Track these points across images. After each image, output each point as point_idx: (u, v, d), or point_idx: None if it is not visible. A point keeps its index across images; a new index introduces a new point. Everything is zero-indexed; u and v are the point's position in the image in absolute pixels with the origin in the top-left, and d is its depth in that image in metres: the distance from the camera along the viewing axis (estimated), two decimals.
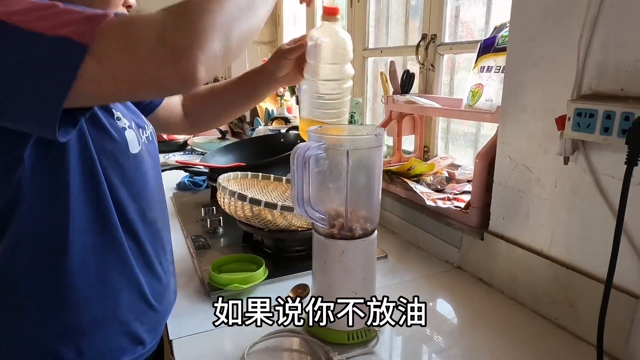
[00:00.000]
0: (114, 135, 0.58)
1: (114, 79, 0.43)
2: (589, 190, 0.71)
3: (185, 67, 0.42)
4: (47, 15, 0.42)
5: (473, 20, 1.29)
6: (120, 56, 0.42)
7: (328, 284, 0.71)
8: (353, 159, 0.65)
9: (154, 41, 0.42)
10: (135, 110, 0.72)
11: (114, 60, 0.42)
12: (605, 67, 0.67)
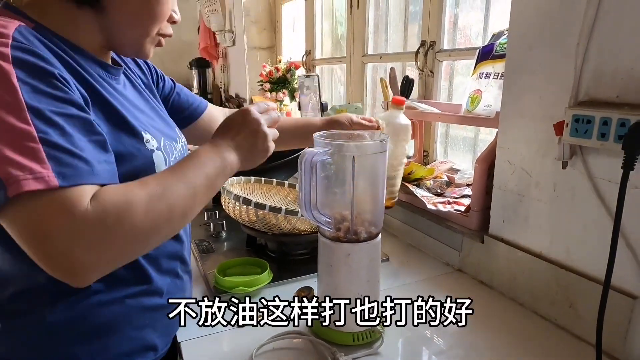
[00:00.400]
0: (140, 160, 0.60)
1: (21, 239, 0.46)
2: (587, 193, 0.74)
3: (69, 281, 0.46)
4: (13, 141, 0.44)
5: (469, 25, 1.31)
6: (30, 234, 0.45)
7: (334, 286, 0.73)
8: (358, 164, 0.66)
9: (58, 255, 0.44)
10: (169, 123, 0.74)
11: (24, 230, 0.45)
12: (601, 74, 0.69)
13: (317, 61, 2.21)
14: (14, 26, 0.50)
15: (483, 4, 1.23)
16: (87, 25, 0.59)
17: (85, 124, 0.50)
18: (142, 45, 0.63)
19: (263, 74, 2.23)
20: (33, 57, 0.48)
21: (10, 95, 0.44)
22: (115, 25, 0.60)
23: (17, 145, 0.44)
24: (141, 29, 0.61)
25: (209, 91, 3.06)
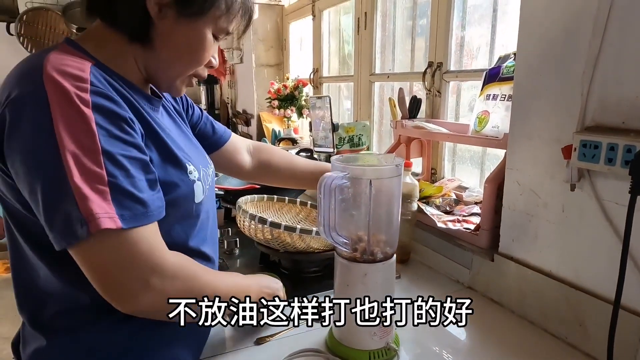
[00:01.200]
0: (183, 190, 0.64)
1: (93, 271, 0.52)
2: (595, 215, 0.76)
3: (121, 309, 0.54)
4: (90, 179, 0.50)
5: (476, 46, 1.35)
6: (107, 265, 0.52)
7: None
8: (375, 188, 0.69)
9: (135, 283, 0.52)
10: (201, 150, 0.79)
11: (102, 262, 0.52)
12: (606, 101, 0.72)
13: (324, 79, 2.25)
14: (88, 68, 0.54)
15: (489, 26, 1.27)
16: (134, 59, 0.64)
17: (144, 165, 0.56)
18: (175, 83, 0.68)
19: (271, 91, 2.27)
20: (108, 102, 0.53)
21: (90, 139, 0.50)
22: (158, 62, 0.64)
23: (91, 186, 0.49)
24: (180, 68, 0.66)
25: (216, 107, 3.11)
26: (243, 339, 0.83)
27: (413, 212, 1.14)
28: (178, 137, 0.71)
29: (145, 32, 0.61)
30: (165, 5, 0.60)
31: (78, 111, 0.50)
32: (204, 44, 0.64)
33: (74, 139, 0.49)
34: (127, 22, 0.60)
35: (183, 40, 0.63)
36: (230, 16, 0.65)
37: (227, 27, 0.66)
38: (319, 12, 2.19)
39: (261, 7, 2.54)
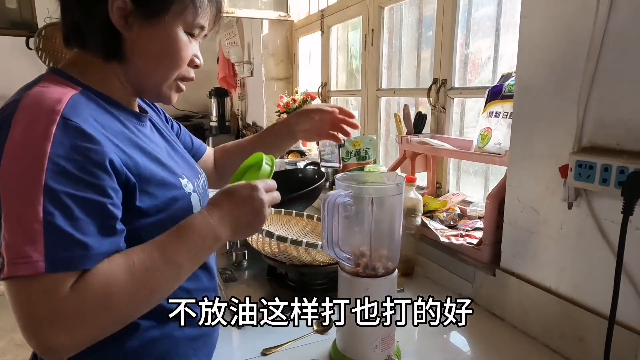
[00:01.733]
0: (180, 204, 0.65)
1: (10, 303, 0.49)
2: (592, 232, 0.78)
3: (44, 356, 0.50)
4: (18, 221, 0.48)
5: (476, 56, 1.38)
6: (15, 310, 0.48)
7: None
8: (377, 205, 0.72)
9: (36, 334, 0.48)
10: (191, 161, 0.80)
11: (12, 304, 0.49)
12: (602, 123, 0.75)
13: (332, 93, 2.30)
14: (67, 98, 0.54)
15: (492, 45, 1.30)
16: (116, 77, 0.64)
17: (99, 208, 0.52)
18: (162, 90, 0.67)
19: (281, 104, 2.32)
20: (77, 139, 0.51)
21: (33, 173, 0.48)
22: (138, 73, 0.64)
23: (21, 223, 0.48)
24: (162, 74, 0.65)
25: (226, 119, 3.17)
26: (250, 349, 0.86)
27: (417, 226, 1.17)
28: (168, 151, 0.72)
29: (117, 48, 0.61)
30: (128, 14, 0.59)
31: (33, 145, 0.49)
32: (178, 44, 0.63)
33: (16, 175, 0.49)
34: (96, 43, 0.61)
35: (155, 45, 0.62)
36: (197, 9, 0.63)
37: (198, 21, 0.64)
38: (327, 27, 2.24)
39: (271, 22, 2.61)
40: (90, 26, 0.60)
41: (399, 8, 1.73)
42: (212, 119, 3.17)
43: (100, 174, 0.53)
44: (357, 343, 0.78)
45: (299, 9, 2.56)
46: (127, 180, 0.57)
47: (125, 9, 0.59)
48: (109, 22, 0.59)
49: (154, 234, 0.59)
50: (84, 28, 0.61)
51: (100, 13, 0.58)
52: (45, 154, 0.49)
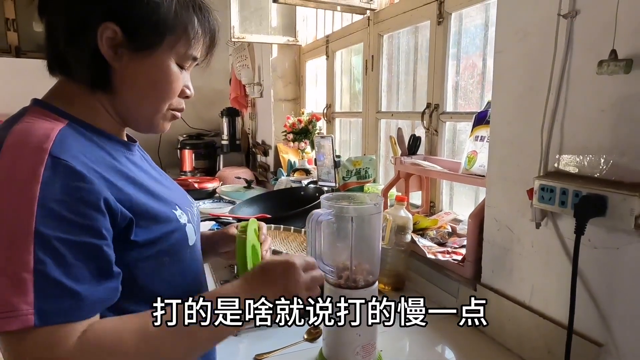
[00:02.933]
0: (176, 236, 0.63)
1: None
2: (558, 251, 0.85)
3: None
4: (4, 268, 0.45)
5: (470, 90, 1.46)
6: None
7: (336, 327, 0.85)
8: (357, 223, 0.80)
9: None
10: (181, 191, 0.77)
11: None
12: (563, 150, 0.82)
13: (336, 114, 2.40)
14: (55, 134, 0.51)
15: (480, 73, 1.39)
16: (103, 107, 0.62)
17: (93, 251, 0.49)
18: (155, 121, 0.65)
19: (287, 124, 2.43)
20: (68, 178, 0.49)
21: (22, 219, 0.45)
22: (127, 104, 0.62)
23: (9, 273, 0.44)
24: (152, 106, 0.62)
25: (237, 137, 3.29)
26: (243, 355, 0.94)
27: (407, 243, 1.24)
28: (159, 180, 0.70)
29: (105, 78, 0.59)
30: (118, 45, 0.57)
31: (20, 189, 0.47)
32: (169, 76, 0.61)
33: (3, 221, 0.46)
34: (83, 73, 0.58)
35: (145, 77, 0.60)
36: (189, 41, 0.61)
37: (191, 53, 0.63)
38: (332, 52, 2.35)
39: (280, 46, 2.73)
40: (76, 55, 0.57)
41: (397, 36, 1.83)
42: (223, 138, 3.29)
43: (94, 215, 0.50)
44: (340, 350, 0.85)
45: (306, 34, 2.69)
46: (123, 216, 0.55)
47: (115, 39, 0.57)
48: (97, 52, 0.56)
49: (149, 268, 0.59)
50: (70, 57, 0.58)
51: (88, 42, 0.56)
52: (34, 198, 0.46)
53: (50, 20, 0.59)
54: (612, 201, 0.69)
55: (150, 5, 0.57)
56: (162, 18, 0.58)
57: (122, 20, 0.56)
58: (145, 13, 0.57)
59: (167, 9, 0.58)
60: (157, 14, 0.58)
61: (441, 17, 1.44)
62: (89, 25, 0.56)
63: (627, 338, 0.74)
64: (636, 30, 0.68)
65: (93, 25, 0.56)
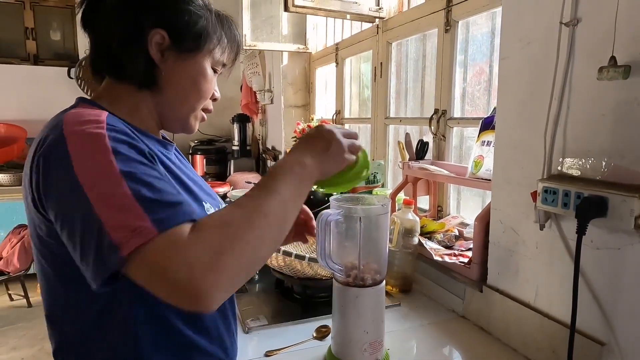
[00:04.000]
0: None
1: (147, 287, 0.51)
2: (562, 252, 0.87)
3: (203, 306, 0.50)
4: (114, 206, 0.51)
5: (477, 96, 1.49)
6: (152, 280, 0.50)
7: (345, 324, 0.88)
8: (364, 224, 0.83)
9: (182, 284, 0.48)
10: (209, 189, 0.82)
11: (147, 279, 0.51)
12: (567, 153, 0.85)
13: (345, 120, 2.43)
14: (104, 115, 0.59)
15: (487, 79, 1.42)
16: (146, 106, 0.70)
17: (170, 182, 0.57)
18: (189, 120, 0.73)
19: (297, 130, 2.47)
20: (124, 135, 0.57)
21: (108, 169, 0.53)
22: (169, 102, 0.70)
23: (118, 207, 0.51)
24: (190, 103, 0.71)
25: (248, 143, 3.34)
26: (255, 351, 0.97)
27: (414, 245, 1.26)
28: (192, 178, 0.75)
29: (153, 78, 0.67)
30: (165, 49, 0.66)
31: (94, 147, 0.54)
32: (206, 77, 0.71)
33: (92, 175, 0.53)
34: (134, 73, 0.66)
35: (187, 76, 0.69)
36: (222, 48, 0.72)
37: (222, 59, 0.73)
38: (341, 59, 2.39)
39: (291, 54, 2.79)
40: (129, 58, 0.65)
41: (406, 43, 1.87)
42: (234, 143, 3.35)
43: (153, 163, 0.58)
44: (348, 347, 0.88)
45: (316, 42, 2.74)
46: None
47: (163, 44, 0.66)
48: (147, 55, 0.65)
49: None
50: (123, 59, 0.66)
51: (139, 46, 0.65)
52: (109, 149, 0.54)
53: (102, 30, 0.67)
54: (612, 202, 0.71)
55: (193, 16, 0.67)
56: (202, 27, 0.68)
57: (170, 28, 0.66)
58: (188, 22, 0.67)
59: (206, 21, 0.69)
60: (198, 24, 0.68)
61: (448, 25, 1.47)
62: (142, 31, 0.65)
63: (629, 337, 0.75)
64: (634, 37, 0.71)
65: (145, 31, 0.65)
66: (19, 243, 2.96)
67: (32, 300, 3.13)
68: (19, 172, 3.43)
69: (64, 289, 0.64)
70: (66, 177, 0.53)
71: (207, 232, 0.52)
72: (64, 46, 4.01)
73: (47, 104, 3.76)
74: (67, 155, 0.54)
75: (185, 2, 0.67)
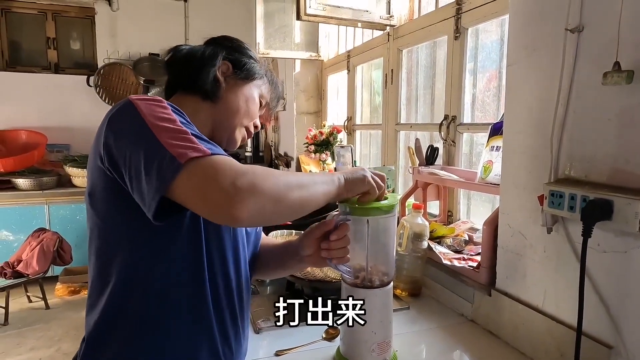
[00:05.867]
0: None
1: (193, 194, 0.60)
2: (569, 255, 0.87)
3: (236, 213, 0.58)
4: (175, 137, 0.62)
5: (487, 102, 1.50)
6: (201, 181, 0.59)
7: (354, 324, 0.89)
8: (372, 226, 0.85)
9: (226, 184, 0.58)
10: None
11: (197, 181, 0.59)
12: (573, 158, 0.86)
13: (356, 126, 2.46)
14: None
15: (497, 85, 1.43)
16: (204, 114, 0.84)
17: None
18: (234, 133, 0.87)
19: (309, 137, 2.50)
20: (183, 114, 0.70)
21: (168, 116, 0.66)
22: (223, 114, 0.85)
23: (178, 138, 0.62)
24: (238, 119, 0.86)
25: (260, 149, 3.39)
26: (265, 350, 0.99)
27: (424, 249, 1.27)
28: None
29: (216, 93, 0.84)
30: (228, 75, 0.86)
31: (158, 104, 0.67)
32: (254, 100, 0.88)
33: (155, 118, 0.64)
34: (204, 87, 0.84)
35: (240, 96, 0.86)
36: (267, 88, 0.92)
37: (266, 95, 0.92)
38: (353, 67, 2.43)
39: (303, 61, 2.83)
40: (203, 78, 0.84)
41: (416, 51, 1.89)
42: (247, 150, 3.40)
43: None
44: (356, 347, 0.89)
45: (328, 50, 2.78)
46: None
47: (227, 72, 0.86)
48: (215, 76, 0.85)
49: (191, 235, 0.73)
50: (198, 79, 0.84)
51: (211, 70, 0.84)
52: (169, 109, 0.67)
53: (185, 62, 0.86)
54: (617, 205, 0.72)
55: (250, 60, 0.89)
56: (254, 67, 0.89)
57: (233, 61, 0.87)
58: (247, 61, 0.89)
59: (259, 66, 0.91)
60: (253, 63, 0.89)
61: (458, 32, 1.49)
62: (216, 62, 0.85)
63: (636, 340, 0.75)
64: (638, 43, 0.72)
65: (218, 61, 0.86)
66: (38, 246, 3.04)
67: (50, 302, 3.21)
68: (40, 177, 3.53)
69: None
70: (134, 121, 0.65)
71: (253, 167, 0.63)
72: (84, 55, 4.13)
73: (67, 111, 3.87)
74: (134, 108, 0.66)
75: (247, 51, 0.90)
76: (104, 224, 0.73)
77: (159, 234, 0.72)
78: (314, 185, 0.70)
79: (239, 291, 0.83)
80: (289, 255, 0.92)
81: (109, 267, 0.73)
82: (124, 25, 3.86)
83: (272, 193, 0.62)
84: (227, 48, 0.88)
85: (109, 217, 0.73)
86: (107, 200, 0.72)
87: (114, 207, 0.71)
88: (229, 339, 0.80)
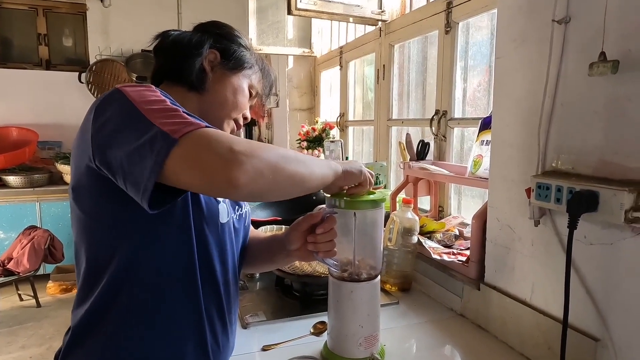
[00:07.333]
0: (210, 207, 0.76)
1: (188, 164, 0.57)
2: (556, 247, 0.87)
3: (235, 175, 0.56)
4: (167, 115, 0.60)
5: (477, 97, 1.50)
6: (197, 150, 0.57)
7: (340, 318, 0.89)
8: (359, 219, 0.85)
9: (224, 150, 0.57)
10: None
11: (192, 151, 0.57)
12: (560, 150, 0.85)
13: (349, 122, 2.45)
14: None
15: (487, 80, 1.42)
16: (190, 105, 0.80)
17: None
18: (222, 125, 0.84)
19: (301, 133, 2.49)
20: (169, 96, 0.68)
21: (158, 97, 0.64)
22: (210, 105, 0.82)
23: (170, 116, 0.60)
24: (226, 110, 0.84)
25: None
26: (252, 345, 0.98)
27: (414, 244, 1.27)
28: None
29: (202, 83, 0.82)
30: (216, 65, 0.83)
31: (146, 88, 0.65)
32: (242, 92, 0.85)
33: (145, 100, 0.63)
34: (190, 77, 0.81)
35: (228, 86, 0.83)
36: (257, 77, 0.89)
37: (256, 86, 0.89)
38: (345, 63, 2.42)
39: (296, 57, 2.82)
40: (189, 68, 0.82)
41: (408, 46, 1.89)
42: None
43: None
44: (343, 342, 0.89)
45: (321, 46, 2.77)
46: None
47: (214, 61, 0.83)
48: (202, 65, 0.82)
49: (182, 228, 0.71)
50: (184, 69, 0.81)
51: (197, 60, 0.82)
52: (158, 92, 0.66)
53: (171, 50, 0.83)
54: (603, 196, 0.71)
55: (240, 48, 0.86)
56: (244, 56, 0.86)
57: (222, 49, 0.84)
58: (236, 51, 0.85)
59: (250, 53, 0.88)
60: (243, 51, 0.86)
61: (449, 26, 1.49)
62: (202, 50, 0.82)
63: (622, 332, 0.75)
64: (623, 34, 0.72)
65: (204, 50, 0.83)
66: (29, 244, 3.02)
67: (42, 300, 3.18)
68: (31, 174, 3.51)
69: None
70: (123, 107, 0.63)
71: (249, 141, 0.61)
72: (75, 52, 4.10)
73: (59, 108, 3.84)
74: (121, 93, 0.64)
75: (238, 38, 0.87)
76: (90, 219, 0.72)
77: (148, 228, 0.70)
78: (312, 166, 0.69)
79: (227, 286, 0.82)
80: (276, 249, 0.92)
81: (99, 263, 0.72)
82: (115, 22, 3.84)
83: (271, 160, 0.60)
84: (216, 35, 0.85)
85: (95, 212, 0.71)
86: (94, 196, 0.70)
87: (101, 202, 0.70)
88: (216, 333, 0.79)
